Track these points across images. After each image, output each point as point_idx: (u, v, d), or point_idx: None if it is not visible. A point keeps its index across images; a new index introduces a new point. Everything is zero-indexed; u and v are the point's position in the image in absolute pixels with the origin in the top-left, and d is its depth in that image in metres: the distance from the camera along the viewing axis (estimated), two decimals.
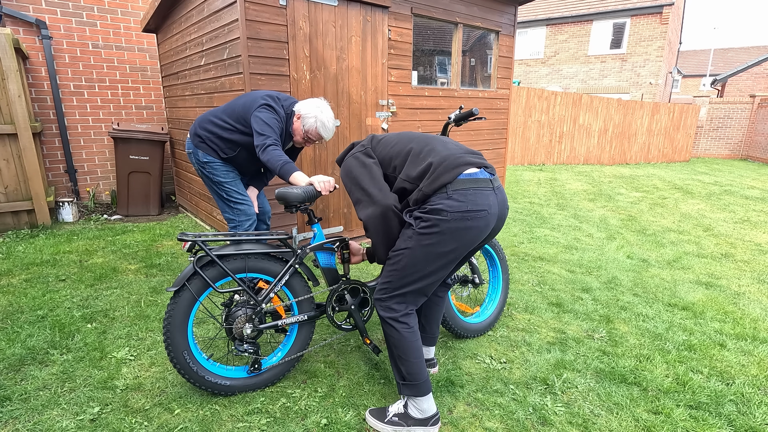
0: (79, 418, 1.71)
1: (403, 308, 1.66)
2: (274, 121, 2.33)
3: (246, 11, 2.91)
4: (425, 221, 1.54)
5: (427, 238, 1.54)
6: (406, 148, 1.68)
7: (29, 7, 4.63)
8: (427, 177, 1.56)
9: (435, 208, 1.52)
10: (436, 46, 4.32)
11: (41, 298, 2.74)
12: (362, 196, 1.65)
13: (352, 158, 1.75)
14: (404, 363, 1.66)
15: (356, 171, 1.70)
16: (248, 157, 2.53)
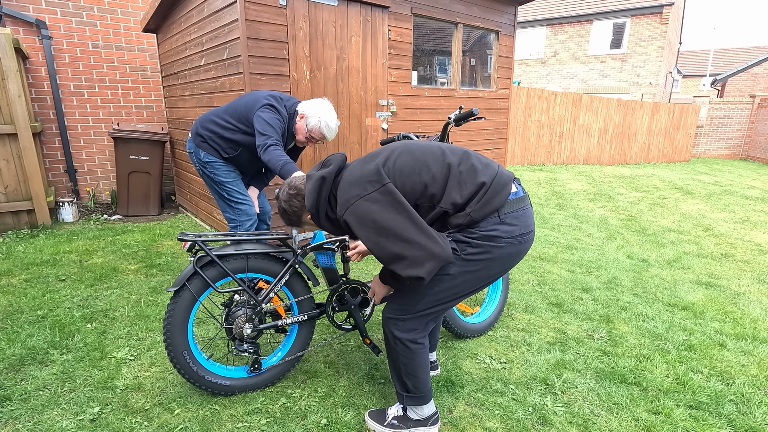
0: (79, 418, 1.71)
1: (423, 328, 1.56)
2: (277, 122, 2.33)
3: (246, 11, 2.91)
4: (475, 247, 1.40)
5: (474, 264, 1.42)
6: (442, 171, 1.42)
7: (29, 7, 4.63)
8: (476, 201, 1.38)
9: (489, 235, 1.39)
10: (436, 46, 4.32)
11: (41, 298, 2.74)
12: (410, 251, 1.32)
13: (372, 201, 1.35)
14: (411, 378, 1.60)
15: (388, 218, 1.33)
16: (250, 157, 2.53)
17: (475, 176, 1.41)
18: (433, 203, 1.41)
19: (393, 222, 1.33)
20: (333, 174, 1.48)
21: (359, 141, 3.71)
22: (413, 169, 1.42)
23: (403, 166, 1.42)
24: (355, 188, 1.39)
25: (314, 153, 3.47)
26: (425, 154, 1.45)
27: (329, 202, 1.52)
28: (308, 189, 1.50)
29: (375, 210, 1.34)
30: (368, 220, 1.34)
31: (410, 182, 1.40)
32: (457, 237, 1.43)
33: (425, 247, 1.32)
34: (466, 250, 1.41)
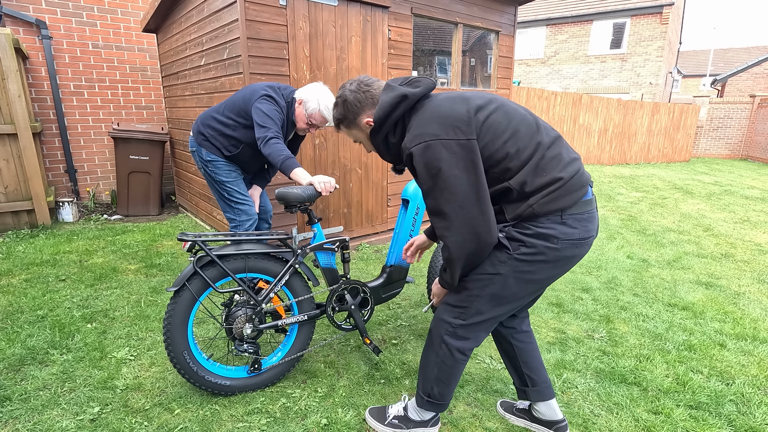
0: (79, 418, 1.71)
1: (475, 339, 1.46)
2: (275, 113, 2.31)
3: (246, 11, 2.91)
4: (529, 247, 1.28)
5: (527, 265, 1.30)
6: (528, 148, 1.27)
7: (29, 7, 4.63)
8: (546, 194, 1.25)
9: (545, 234, 1.27)
10: (436, 46, 4.32)
11: (41, 298, 2.74)
12: (457, 217, 1.23)
13: (448, 150, 1.21)
14: (441, 386, 1.52)
15: (456, 175, 1.21)
16: (252, 154, 2.52)
17: (556, 167, 1.26)
18: (504, 177, 1.27)
19: (457, 181, 1.21)
20: (417, 97, 1.33)
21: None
22: (502, 133, 1.26)
23: (494, 125, 1.26)
24: (436, 126, 1.24)
25: (314, 153, 3.47)
26: (519, 123, 1.28)
27: (396, 125, 1.38)
28: (384, 99, 1.35)
29: (446, 160, 1.21)
30: (434, 166, 1.22)
31: (493, 146, 1.25)
32: (511, 233, 1.31)
33: (474, 222, 1.23)
34: (519, 249, 1.29)
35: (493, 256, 1.34)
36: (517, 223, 1.31)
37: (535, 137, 1.28)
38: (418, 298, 2.91)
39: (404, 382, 2.00)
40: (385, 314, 2.66)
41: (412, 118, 1.32)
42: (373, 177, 3.90)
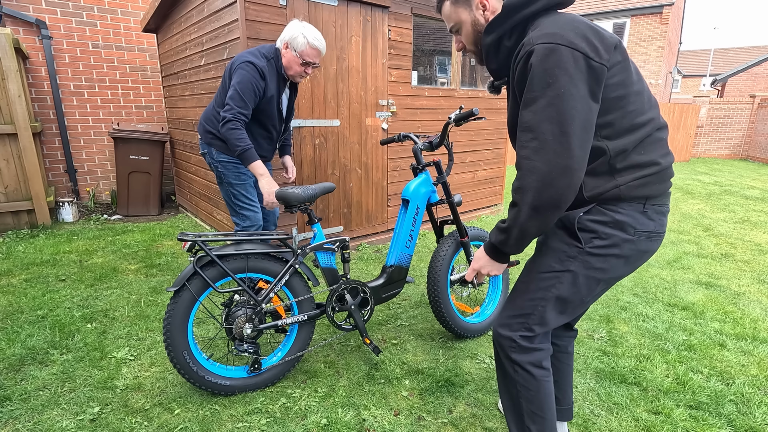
0: (79, 418, 1.71)
1: (545, 347, 1.27)
2: (249, 84, 2.18)
3: (246, 11, 2.91)
4: (603, 238, 1.14)
5: (600, 261, 1.16)
6: (645, 115, 1.12)
7: (29, 7, 4.63)
8: (639, 177, 1.12)
9: (623, 222, 1.13)
10: (436, 46, 4.32)
11: (41, 298, 2.74)
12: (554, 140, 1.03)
13: (577, 65, 1.01)
14: (537, 420, 1.27)
15: (573, 95, 1.02)
16: (263, 134, 2.44)
17: (658, 151, 1.14)
18: (604, 134, 1.10)
19: (572, 102, 1.01)
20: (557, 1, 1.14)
21: (359, 141, 3.71)
22: (631, 84, 1.10)
23: (627, 70, 1.10)
24: (573, 34, 1.04)
25: (314, 153, 3.47)
26: (644, 87, 1.14)
27: (517, 26, 1.17)
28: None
29: (571, 73, 1.01)
30: (554, 74, 1.01)
31: (615, 91, 1.08)
32: (583, 223, 1.16)
33: (571, 154, 1.02)
34: (592, 242, 1.15)
35: (559, 251, 1.19)
36: (593, 207, 1.15)
37: (652, 111, 1.14)
38: (418, 298, 2.91)
39: (404, 382, 2.00)
40: (385, 314, 2.66)
41: (540, 22, 1.11)
42: (373, 177, 3.90)
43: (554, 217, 1.08)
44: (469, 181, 4.84)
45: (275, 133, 2.51)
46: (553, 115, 1.02)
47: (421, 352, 2.25)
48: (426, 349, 2.27)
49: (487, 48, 1.23)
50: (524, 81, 1.09)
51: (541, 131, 1.04)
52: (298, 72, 2.31)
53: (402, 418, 1.77)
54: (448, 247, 2.25)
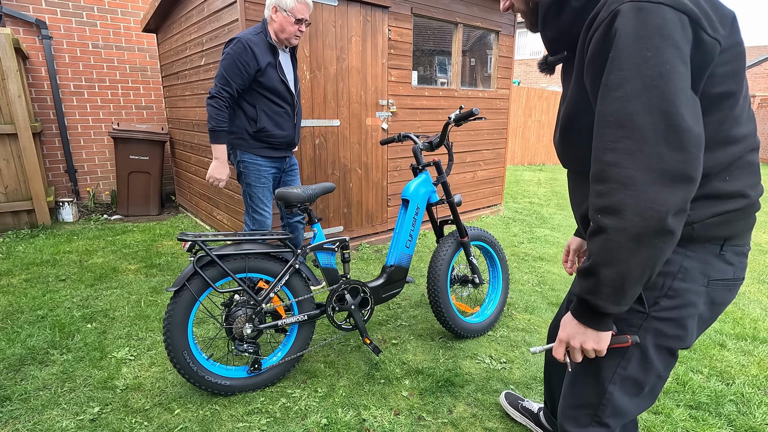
0: (79, 418, 1.71)
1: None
2: (231, 60, 2.21)
3: (246, 11, 2.91)
4: (672, 296, 0.88)
5: (674, 326, 0.89)
6: (742, 129, 0.84)
7: (29, 7, 4.63)
8: (721, 213, 0.85)
9: (693, 269, 0.87)
10: (436, 46, 4.32)
11: (41, 298, 2.74)
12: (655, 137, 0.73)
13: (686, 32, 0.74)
14: None
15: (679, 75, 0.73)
16: (275, 110, 2.42)
17: (747, 179, 0.86)
18: None
19: (678, 83, 0.72)
20: None
21: (359, 141, 3.71)
22: (741, 82, 0.82)
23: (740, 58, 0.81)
24: None
25: (314, 153, 3.47)
26: (747, 92, 0.86)
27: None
28: None
29: (680, 45, 0.72)
30: (652, 44, 0.72)
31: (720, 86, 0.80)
32: None
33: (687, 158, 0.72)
34: (658, 303, 0.89)
35: (618, 320, 0.93)
36: None
37: (750, 124, 0.86)
38: (418, 298, 2.91)
39: (404, 382, 2.00)
40: (385, 314, 2.66)
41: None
42: (373, 177, 3.90)
43: (666, 249, 0.76)
44: (469, 181, 4.84)
45: (289, 107, 2.48)
46: (653, 103, 0.72)
47: (421, 352, 2.25)
48: (426, 349, 2.27)
49: (546, 7, 0.91)
50: (604, 55, 0.78)
51: (637, 126, 0.73)
52: (292, 32, 2.31)
53: (402, 418, 1.77)
54: (448, 247, 2.25)
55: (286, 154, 2.61)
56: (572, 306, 0.88)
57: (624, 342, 0.89)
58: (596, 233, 0.79)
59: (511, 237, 4.39)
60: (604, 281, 0.79)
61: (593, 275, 0.80)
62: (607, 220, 0.77)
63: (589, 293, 0.82)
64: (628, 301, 0.80)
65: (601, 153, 0.78)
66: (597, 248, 0.79)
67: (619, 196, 0.75)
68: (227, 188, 3.68)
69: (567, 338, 0.90)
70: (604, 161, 0.77)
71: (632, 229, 0.74)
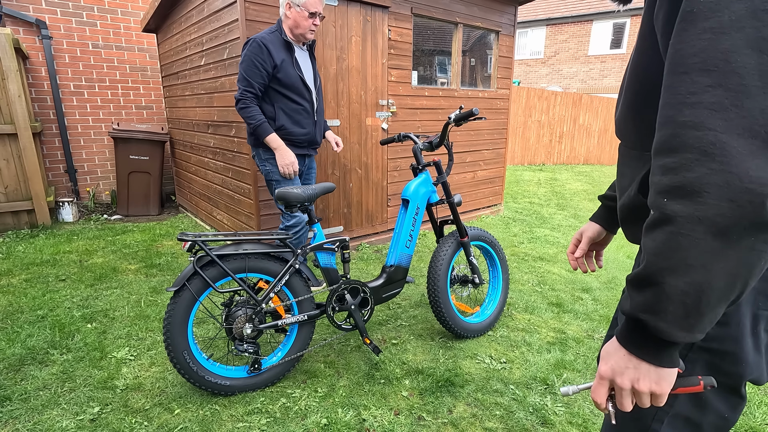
0: (79, 418, 1.71)
1: None
2: (249, 61, 2.27)
3: (246, 11, 2.91)
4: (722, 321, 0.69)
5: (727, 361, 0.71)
6: None
7: (29, 7, 4.63)
8: None
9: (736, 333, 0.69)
10: (436, 46, 4.32)
11: (41, 298, 2.74)
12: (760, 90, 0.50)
13: None
14: None
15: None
16: (295, 108, 2.44)
17: None
18: None
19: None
20: None
21: (359, 141, 3.71)
22: None
23: None
24: None
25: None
26: None
27: None
28: None
29: None
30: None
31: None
32: None
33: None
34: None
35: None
36: None
37: None
38: (418, 298, 2.91)
39: (404, 382, 2.00)
40: (385, 314, 2.66)
41: None
42: (373, 177, 3.90)
43: (765, 250, 0.53)
44: (469, 181, 4.84)
45: (307, 103, 2.49)
46: (761, 36, 0.50)
47: (421, 352, 2.25)
48: (426, 349, 2.27)
49: None
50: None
51: (734, 69, 0.51)
52: (306, 27, 2.35)
53: (402, 418, 1.77)
54: (448, 247, 2.25)
55: (308, 152, 2.62)
56: (618, 330, 0.63)
57: (694, 385, 0.64)
58: (658, 224, 0.56)
59: (511, 237, 4.39)
60: (671, 295, 0.55)
61: (653, 285, 0.57)
62: (678, 206, 0.53)
63: (646, 311, 0.58)
64: (705, 327, 0.56)
65: (673, 111, 0.55)
66: (659, 246, 0.56)
67: (699, 170, 0.52)
68: (227, 188, 3.68)
69: (611, 375, 0.64)
70: (678, 122, 0.54)
71: (717, 219, 0.51)
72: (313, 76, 2.54)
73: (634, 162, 0.76)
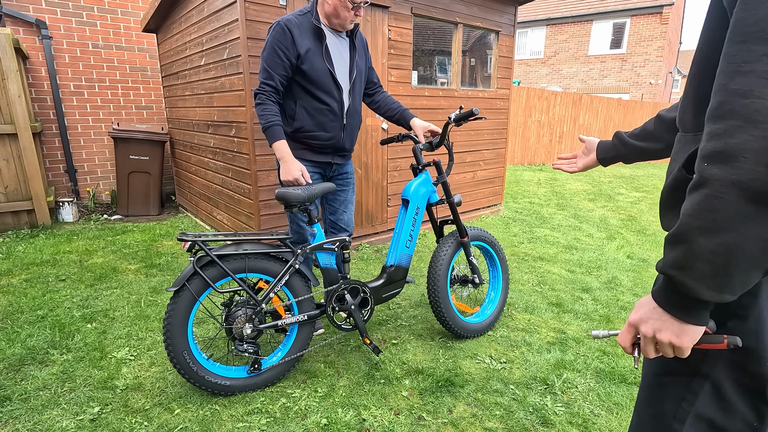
0: (79, 418, 1.71)
1: None
2: (270, 48, 1.92)
3: (246, 11, 2.91)
4: (742, 316, 0.68)
5: (751, 360, 0.68)
6: None
7: (29, 7, 4.63)
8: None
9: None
10: (436, 46, 4.32)
11: (41, 298, 2.74)
12: None
13: None
14: None
15: None
16: (318, 107, 2.06)
17: None
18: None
19: None
20: None
21: (359, 141, 3.71)
22: None
23: None
24: None
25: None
26: None
27: None
28: None
29: None
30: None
31: None
32: None
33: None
34: (726, 326, 0.69)
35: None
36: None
37: None
38: (418, 298, 2.91)
39: (404, 381, 2.00)
40: (385, 314, 2.66)
41: None
42: (373, 177, 3.90)
43: None
44: (469, 181, 4.84)
45: (336, 103, 2.08)
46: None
47: (421, 352, 2.25)
48: (426, 349, 2.27)
49: None
50: None
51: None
52: (347, 18, 1.97)
53: (402, 418, 1.77)
54: (448, 247, 2.25)
55: (332, 160, 2.20)
56: (655, 286, 0.67)
57: (718, 342, 0.65)
58: (696, 187, 0.57)
59: (511, 237, 4.39)
60: (700, 253, 0.57)
61: (683, 243, 0.58)
62: (716, 169, 0.55)
63: (676, 267, 0.60)
64: (734, 289, 0.57)
65: (726, 79, 0.55)
66: (693, 207, 0.57)
67: (741, 136, 0.52)
68: (227, 188, 3.68)
69: (638, 322, 0.69)
70: (729, 89, 0.54)
71: (752, 183, 0.52)
72: (349, 69, 2.12)
73: (687, 144, 0.74)
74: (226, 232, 1.79)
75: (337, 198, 2.32)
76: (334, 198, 2.32)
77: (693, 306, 0.61)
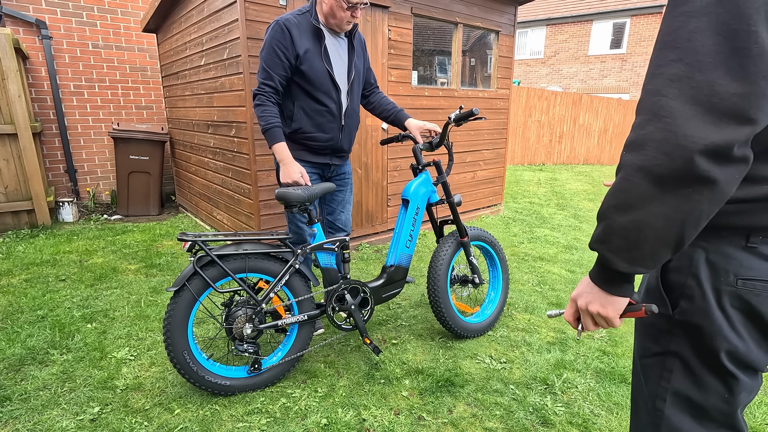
0: (79, 418, 1.71)
1: None
2: (269, 47, 1.91)
3: (246, 11, 2.91)
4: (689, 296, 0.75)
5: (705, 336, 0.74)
6: None
7: (29, 7, 4.63)
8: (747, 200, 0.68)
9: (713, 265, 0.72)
10: (436, 46, 4.32)
11: (41, 298, 2.74)
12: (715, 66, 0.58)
13: None
14: None
15: None
16: (316, 108, 2.06)
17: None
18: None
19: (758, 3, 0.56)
20: None
21: (359, 141, 3.71)
22: None
23: None
24: None
25: None
26: None
27: None
28: None
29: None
30: None
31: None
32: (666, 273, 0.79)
33: (748, 91, 0.57)
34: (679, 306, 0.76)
35: (647, 323, 0.82)
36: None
37: None
38: (418, 298, 2.91)
39: (404, 381, 2.00)
40: (385, 314, 2.66)
41: None
42: (373, 177, 3.90)
43: (704, 204, 0.61)
44: (469, 181, 4.84)
45: (334, 104, 2.08)
46: (722, 19, 0.58)
47: (421, 352, 2.25)
48: (426, 349, 2.27)
49: None
50: None
51: (694, 47, 0.59)
52: (343, 18, 1.96)
53: (402, 418, 1.77)
54: (448, 247, 2.25)
55: (330, 161, 2.21)
56: (592, 269, 0.78)
57: (638, 311, 0.74)
58: (617, 172, 0.68)
59: (511, 237, 4.39)
60: (616, 229, 0.67)
61: (603, 219, 0.70)
62: (629, 156, 0.65)
63: (597, 242, 0.71)
64: (646, 262, 0.67)
65: (646, 81, 0.66)
66: (611, 189, 0.68)
67: (648, 128, 0.62)
68: (227, 188, 3.68)
69: (576, 297, 0.81)
70: (646, 89, 0.65)
71: (654, 168, 0.62)
72: (347, 70, 2.13)
73: None
74: (226, 232, 1.79)
75: (335, 198, 2.33)
76: (332, 198, 2.33)
77: (615, 278, 0.73)
